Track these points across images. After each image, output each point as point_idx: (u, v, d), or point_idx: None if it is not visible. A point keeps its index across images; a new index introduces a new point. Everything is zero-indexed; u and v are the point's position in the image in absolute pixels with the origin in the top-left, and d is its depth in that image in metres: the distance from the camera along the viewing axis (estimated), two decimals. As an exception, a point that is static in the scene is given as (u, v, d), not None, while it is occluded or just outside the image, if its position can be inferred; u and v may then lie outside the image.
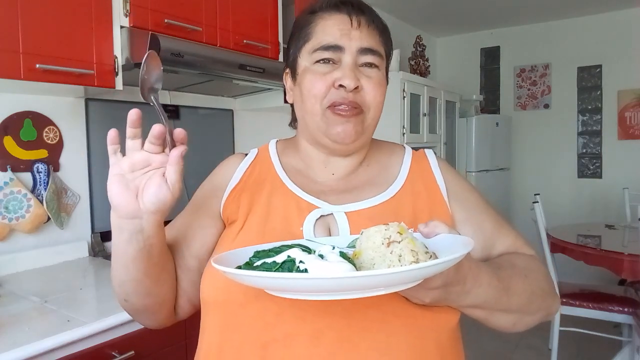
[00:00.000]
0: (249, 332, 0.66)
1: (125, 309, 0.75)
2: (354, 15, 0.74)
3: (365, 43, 0.74)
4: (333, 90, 0.73)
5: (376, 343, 0.63)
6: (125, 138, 0.64)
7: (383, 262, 0.56)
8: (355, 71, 0.73)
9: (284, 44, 2.24)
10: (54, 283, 1.53)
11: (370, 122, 0.77)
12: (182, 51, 1.62)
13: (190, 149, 0.65)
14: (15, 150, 1.68)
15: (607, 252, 2.48)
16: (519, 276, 0.70)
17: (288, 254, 0.56)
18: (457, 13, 4.19)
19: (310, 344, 0.62)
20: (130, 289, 0.70)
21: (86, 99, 1.89)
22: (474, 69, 4.91)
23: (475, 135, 4.11)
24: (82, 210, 1.89)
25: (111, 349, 1.23)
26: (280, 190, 0.78)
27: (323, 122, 0.75)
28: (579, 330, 2.75)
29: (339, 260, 0.55)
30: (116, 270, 0.70)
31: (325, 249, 0.58)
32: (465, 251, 0.53)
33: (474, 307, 0.66)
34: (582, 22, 4.31)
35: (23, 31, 1.36)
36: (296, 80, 0.79)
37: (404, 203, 0.76)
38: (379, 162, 0.84)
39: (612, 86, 4.22)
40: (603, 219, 3.91)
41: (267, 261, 0.57)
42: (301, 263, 0.54)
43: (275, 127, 2.75)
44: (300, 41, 0.78)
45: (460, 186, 0.82)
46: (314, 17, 0.77)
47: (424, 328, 0.66)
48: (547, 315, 0.76)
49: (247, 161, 0.85)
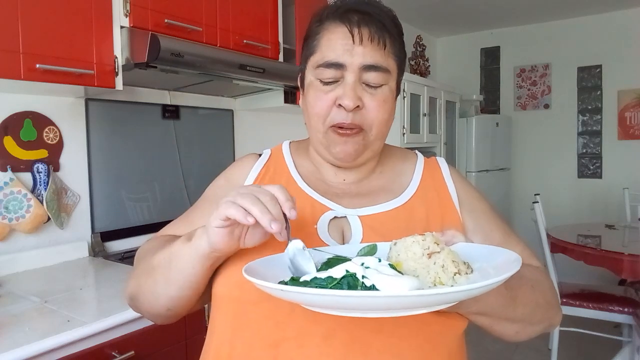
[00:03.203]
0: (260, 330, 0.65)
1: (165, 317, 0.75)
2: (357, 29, 0.71)
3: (369, 59, 0.71)
4: (335, 109, 0.73)
5: (388, 345, 0.63)
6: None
7: (427, 273, 0.56)
8: (357, 89, 0.72)
9: (284, 44, 2.24)
10: (54, 283, 1.53)
11: (373, 139, 0.75)
12: (182, 51, 1.61)
13: (190, 150, 0.65)
14: (15, 150, 1.68)
15: (607, 252, 2.48)
16: (526, 287, 0.70)
17: (346, 268, 0.52)
18: (457, 13, 4.19)
19: (322, 343, 0.62)
20: (181, 302, 0.71)
21: (86, 99, 1.89)
22: (474, 69, 4.91)
23: (475, 135, 4.11)
24: (82, 210, 1.89)
25: (111, 349, 1.23)
26: (294, 191, 0.77)
27: (325, 139, 0.75)
28: (579, 330, 2.75)
29: (395, 273, 0.53)
30: (169, 290, 0.69)
31: (371, 261, 0.55)
32: (518, 266, 0.52)
33: (481, 314, 0.67)
34: (582, 22, 4.31)
35: (23, 31, 1.36)
36: (304, 89, 0.80)
37: (417, 210, 0.76)
38: (392, 168, 0.84)
39: (612, 86, 4.22)
40: (603, 219, 3.90)
41: (319, 276, 0.53)
42: (365, 279, 0.51)
43: (275, 127, 2.75)
44: (307, 51, 0.77)
45: (470, 195, 0.82)
46: (320, 27, 0.76)
47: (435, 333, 0.66)
48: (549, 327, 0.77)
49: (261, 162, 0.85)
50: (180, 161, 2.25)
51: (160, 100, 2.17)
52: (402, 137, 3.23)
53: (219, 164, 2.38)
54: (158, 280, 0.69)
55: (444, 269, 0.55)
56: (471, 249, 0.61)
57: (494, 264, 0.58)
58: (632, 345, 2.43)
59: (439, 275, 0.55)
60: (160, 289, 0.69)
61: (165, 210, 2.18)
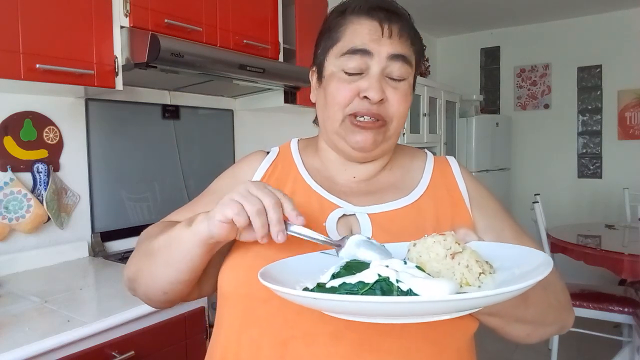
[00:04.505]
0: (268, 328, 0.65)
1: (161, 301, 0.75)
2: (387, 24, 0.72)
3: (397, 49, 0.72)
4: (357, 99, 0.72)
5: (396, 346, 0.63)
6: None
7: (452, 274, 0.55)
8: (382, 82, 0.72)
9: (284, 44, 2.24)
10: (54, 283, 1.53)
11: (392, 132, 0.76)
12: (182, 51, 1.61)
13: (190, 150, 0.65)
14: (15, 150, 1.68)
15: (607, 252, 2.48)
16: (538, 287, 0.70)
17: (378, 272, 0.50)
18: (457, 13, 4.19)
19: (331, 343, 0.62)
20: (178, 287, 0.70)
21: (86, 99, 1.89)
22: (474, 69, 4.91)
23: (475, 135, 4.11)
24: (82, 210, 1.89)
25: (111, 349, 1.23)
26: (302, 188, 0.77)
27: (342, 129, 0.74)
28: (579, 330, 2.75)
29: (425, 275, 0.51)
30: (167, 273, 0.69)
31: (397, 264, 0.52)
32: (550, 266, 0.50)
33: (492, 315, 0.66)
34: (582, 22, 4.31)
35: (23, 31, 1.36)
36: (322, 82, 0.78)
37: (427, 208, 0.75)
38: (402, 166, 0.83)
39: (612, 86, 4.22)
40: (603, 219, 3.91)
41: (348, 281, 0.50)
42: (400, 283, 0.48)
43: (275, 127, 2.75)
44: (328, 43, 0.76)
45: (481, 193, 0.81)
46: (344, 20, 0.75)
47: (444, 335, 0.66)
48: (562, 329, 0.76)
49: (269, 159, 0.84)
50: (180, 161, 2.25)
51: (160, 100, 2.17)
52: (402, 137, 3.23)
53: (219, 164, 2.38)
54: (158, 262, 0.69)
55: (468, 269, 0.54)
56: (486, 247, 0.61)
57: (516, 263, 0.56)
58: (632, 345, 2.43)
59: (465, 276, 0.54)
60: (160, 271, 0.69)
61: (165, 210, 2.15)
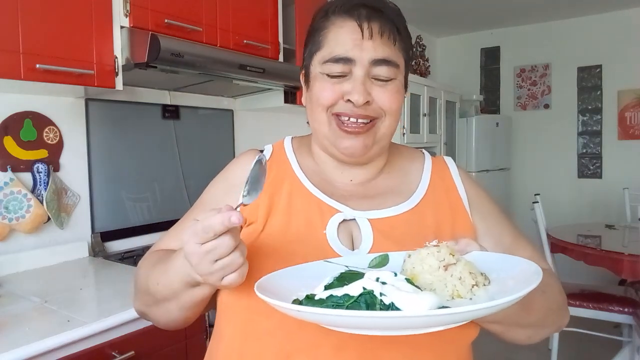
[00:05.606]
0: (271, 341, 0.64)
1: (181, 326, 0.76)
2: (366, 23, 0.69)
3: (379, 53, 0.69)
4: (341, 102, 0.71)
5: (400, 355, 0.62)
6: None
7: (445, 286, 0.55)
8: (367, 84, 0.70)
9: (284, 44, 2.24)
10: (54, 283, 1.53)
11: (385, 131, 0.73)
12: (182, 51, 1.61)
13: (190, 150, 0.64)
14: (16, 150, 1.68)
15: (607, 252, 2.48)
16: (538, 292, 0.70)
17: (363, 285, 0.50)
18: (457, 13, 4.19)
19: (334, 355, 0.61)
20: (198, 310, 0.71)
21: (86, 99, 1.89)
22: (474, 69, 4.91)
23: (475, 135, 4.11)
24: (82, 211, 1.89)
25: (111, 349, 1.23)
26: (300, 191, 0.75)
27: (331, 133, 0.73)
28: (579, 330, 2.75)
29: (412, 288, 0.51)
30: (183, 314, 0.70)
31: (387, 276, 0.53)
32: (539, 278, 0.51)
33: (494, 322, 0.66)
34: (582, 22, 4.31)
35: (23, 31, 1.35)
36: (308, 84, 0.77)
37: (427, 213, 0.74)
38: (400, 169, 0.82)
39: (612, 86, 4.22)
40: (603, 219, 3.90)
41: (335, 294, 0.51)
42: (383, 296, 0.49)
43: (275, 127, 2.75)
44: (313, 47, 0.75)
45: (480, 197, 0.80)
46: (326, 21, 0.73)
47: (447, 342, 0.65)
48: (559, 328, 0.77)
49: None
50: (180, 161, 2.25)
51: (160, 100, 2.17)
52: (402, 137, 3.23)
53: (219, 164, 2.37)
54: (170, 308, 0.70)
55: (461, 281, 0.54)
56: (486, 258, 0.60)
57: (512, 274, 0.57)
58: (632, 345, 2.43)
59: (457, 288, 0.54)
60: (175, 315, 0.71)
61: (165, 210, 2.18)
